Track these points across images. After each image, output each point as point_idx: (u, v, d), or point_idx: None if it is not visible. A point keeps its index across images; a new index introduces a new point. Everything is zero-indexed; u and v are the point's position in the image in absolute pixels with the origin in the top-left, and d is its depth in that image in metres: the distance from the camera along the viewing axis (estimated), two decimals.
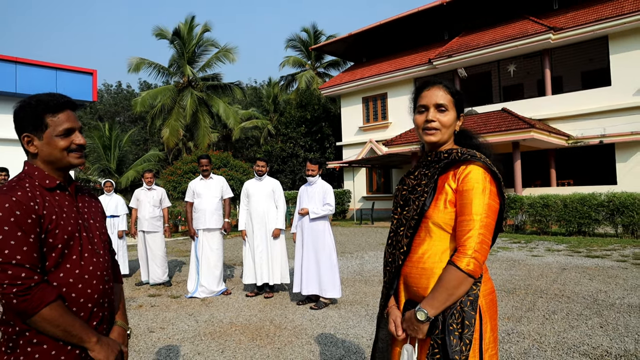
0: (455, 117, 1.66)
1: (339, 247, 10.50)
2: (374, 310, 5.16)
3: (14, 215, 1.31)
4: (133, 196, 7.41)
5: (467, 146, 1.69)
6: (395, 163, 19.88)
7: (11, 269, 1.27)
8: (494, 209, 1.53)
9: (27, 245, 1.31)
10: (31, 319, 1.31)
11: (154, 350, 4.03)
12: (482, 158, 1.57)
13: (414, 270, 1.60)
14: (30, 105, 1.44)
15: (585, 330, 4.24)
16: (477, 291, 1.51)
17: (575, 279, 6.52)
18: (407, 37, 21.79)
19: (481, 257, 1.47)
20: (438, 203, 1.57)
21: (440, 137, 1.64)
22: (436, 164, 1.64)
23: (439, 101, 1.63)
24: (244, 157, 30.69)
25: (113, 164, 20.99)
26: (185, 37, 26.38)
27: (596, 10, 15.57)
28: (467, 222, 1.49)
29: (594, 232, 11.90)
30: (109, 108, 39.92)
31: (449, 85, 1.67)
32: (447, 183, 1.58)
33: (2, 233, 1.29)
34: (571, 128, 15.69)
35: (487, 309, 1.55)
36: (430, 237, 1.58)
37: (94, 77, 18.62)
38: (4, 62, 15.67)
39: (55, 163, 1.47)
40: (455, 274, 1.46)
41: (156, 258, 7.07)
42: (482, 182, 1.52)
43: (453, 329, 1.46)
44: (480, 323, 1.51)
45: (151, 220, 7.17)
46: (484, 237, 1.48)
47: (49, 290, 1.33)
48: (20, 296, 1.27)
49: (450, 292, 1.46)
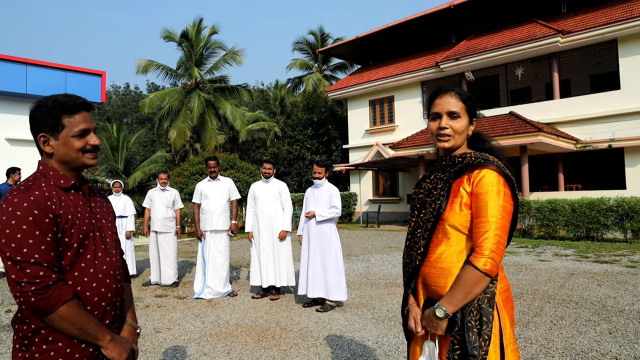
0: (467, 122, 1.72)
1: (345, 249, 10.48)
2: (380, 314, 5.15)
3: (32, 214, 1.32)
4: (146, 196, 7.48)
5: (480, 150, 1.75)
6: (401, 166, 19.83)
7: (29, 267, 1.29)
8: (509, 211, 1.59)
9: (44, 244, 1.32)
10: (48, 317, 1.33)
11: (160, 351, 4.04)
12: (495, 162, 1.63)
13: (432, 270, 1.66)
14: (47, 105, 1.45)
15: (594, 336, 4.20)
16: (494, 289, 1.57)
17: (584, 284, 6.47)
18: (415, 40, 21.78)
19: (497, 257, 1.53)
20: (454, 206, 1.63)
21: (454, 143, 1.70)
22: (451, 168, 1.70)
23: (451, 109, 1.69)
24: (250, 159, 30.80)
25: (120, 165, 21.12)
26: (193, 39, 26.54)
27: (605, 13, 15.47)
28: (483, 224, 1.55)
29: (602, 237, 11.78)
30: (117, 109, 40.20)
31: (461, 92, 1.73)
32: (462, 186, 1.64)
33: (21, 232, 1.30)
34: (579, 132, 15.58)
35: (503, 305, 1.61)
36: (447, 239, 1.65)
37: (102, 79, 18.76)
38: (14, 63, 15.84)
39: (70, 163, 1.49)
40: (472, 273, 1.52)
41: (168, 259, 7.11)
42: (496, 185, 1.58)
43: (472, 326, 1.52)
44: (499, 319, 1.57)
45: (164, 220, 7.21)
46: (500, 237, 1.54)
47: (66, 289, 1.35)
48: (38, 294, 1.29)
49: (468, 291, 1.53)
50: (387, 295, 6.05)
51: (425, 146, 15.94)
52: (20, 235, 1.30)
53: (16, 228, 1.30)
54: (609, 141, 14.70)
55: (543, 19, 17.39)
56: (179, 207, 7.52)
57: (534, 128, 13.50)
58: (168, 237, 7.24)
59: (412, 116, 20.38)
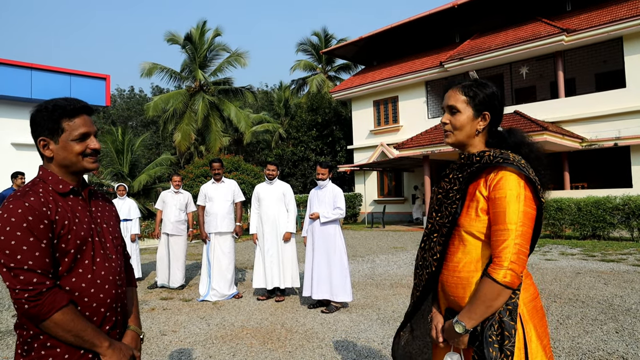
0: (471, 117, 1.60)
1: (349, 250, 10.47)
2: (385, 314, 5.13)
3: (26, 220, 1.31)
4: (159, 198, 7.49)
5: (504, 146, 1.62)
6: (406, 166, 19.79)
7: (23, 274, 1.28)
8: (530, 216, 1.46)
9: (39, 251, 1.32)
10: (43, 323, 1.32)
11: (166, 353, 4.05)
12: (514, 161, 1.48)
13: (450, 279, 1.57)
14: (47, 109, 1.45)
15: (601, 335, 4.18)
16: (516, 300, 1.46)
17: (590, 283, 6.43)
18: (418, 40, 21.73)
19: (518, 267, 1.41)
20: (469, 211, 1.53)
21: (455, 138, 1.62)
22: (468, 168, 1.58)
23: (449, 103, 1.62)
24: (255, 160, 30.83)
25: (125, 168, 21.19)
26: (196, 42, 26.63)
27: (610, 11, 15.38)
28: (501, 232, 1.43)
29: (609, 235, 11.71)
30: (121, 113, 40.38)
31: (467, 85, 1.62)
32: (478, 190, 1.52)
33: (15, 239, 1.30)
34: (585, 130, 15.49)
35: (529, 317, 1.49)
36: (464, 246, 1.54)
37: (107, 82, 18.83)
38: (19, 68, 15.96)
39: (70, 167, 1.49)
40: (492, 286, 1.41)
41: (178, 261, 7.12)
42: (515, 188, 1.45)
43: (492, 341, 1.42)
44: (523, 332, 1.45)
45: (176, 223, 7.22)
46: (521, 246, 1.42)
47: (61, 296, 1.34)
48: (31, 301, 1.28)
49: (488, 305, 1.42)
50: (392, 296, 6.03)
51: (430, 146, 15.90)
52: (14, 242, 1.29)
53: (10, 234, 1.30)
54: (615, 140, 14.60)
55: (547, 17, 17.31)
56: (192, 210, 7.53)
57: (539, 127, 13.43)
58: (179, 240, 7.25)
59: (417, 116, 20.34)
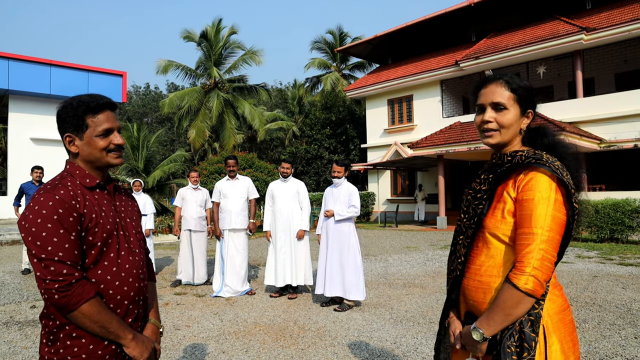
0: (517, 114, 1.49)
1: (363, 249, 10.45)
2: (398, 314, 5.11)
3: (57, 213, 1.35)
4: (177, 195, 7.51)
5: (539, 146, 1.52)
6: (420, 166, 19.68)
7: (53, 265, 1.32)
8: (559, 221, 1.37)
9: (68, 243, 1.35)
10: (71, 314, 1.36)
11: (180, 348, 4.09)
12: (547, 162, 1.39)
13: (471, 283, 1.51)
14: (72, 106, 1.48)
15: (619, 340, 4.10)
16: (539, 310, 1.37)
17: (608, 287, 6.32)
18: (434, 39, 21.57)
19: (542, 274, 1.32)
20: (496, 212, 1.45)
21: (500, 138, 1.50)
22: (499, 168, 1.50)
23: (495, 99, 1.49)
24: (268, 158, 30.94)
25: (141, 164, 21.42)
26: (212, 39, 26.78)
27: (632, 9, 15.08)
28: (526, 236, 1.35)
29: (627, 239, 11.50)
30: (137, 109, 40.84)
31: (511, 80, 1.50)
32: (507, 191, 1.44)
33: (46, 230, 1.33)
34: (604, 131, 15.23)
35: (554, 329, 1.39)
36: (488, 249, 1.47)
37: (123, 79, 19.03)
38: (39, 64, 16.23)
39: (94, 162, 1.52)
40: (512, 293, 1.33)
41: (202, 258, 7.17)
42: (545, 190, 1.36)
43: (510, 352, 1.35)
44: (545, 345, 1.36)
45: (198, 220, 7.25)
46: (546, 252, 1.33)
47: (89, 287, 1.37)
48: (61, 292, 1.32)
49: (508, 313, 1.34)
50: (405, 296, 6.01)
51: (444, 146, 15.78)
52: (45, 234, 1.33)
53: (42, 226, 1.33)
54: (635, 141, 14.33)
55: (566, 16, 17.04)
56: (210, 206, 7.56)
57: (557, 127, 13.23)
58: (201, 236, 7.29)
59: (431, 115, 20.20)
